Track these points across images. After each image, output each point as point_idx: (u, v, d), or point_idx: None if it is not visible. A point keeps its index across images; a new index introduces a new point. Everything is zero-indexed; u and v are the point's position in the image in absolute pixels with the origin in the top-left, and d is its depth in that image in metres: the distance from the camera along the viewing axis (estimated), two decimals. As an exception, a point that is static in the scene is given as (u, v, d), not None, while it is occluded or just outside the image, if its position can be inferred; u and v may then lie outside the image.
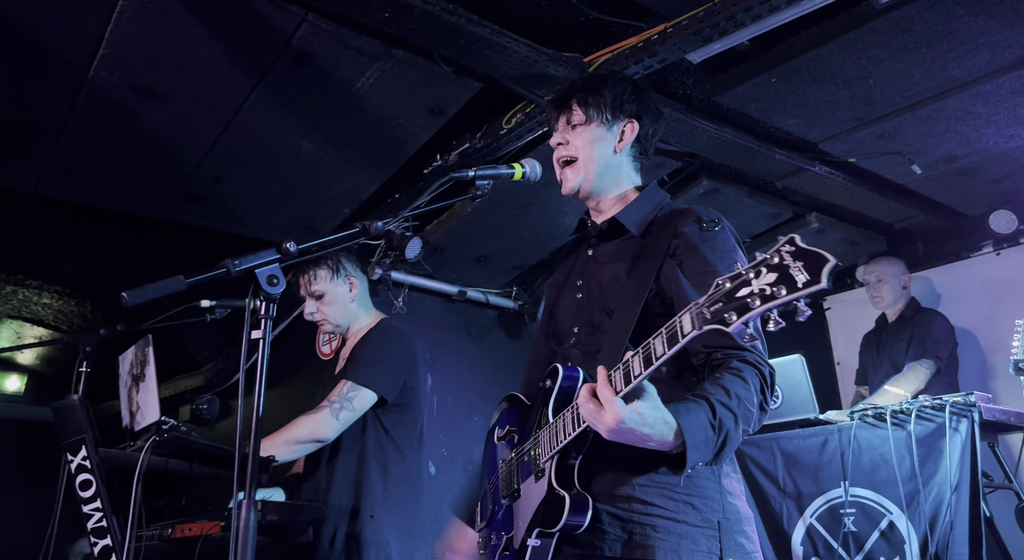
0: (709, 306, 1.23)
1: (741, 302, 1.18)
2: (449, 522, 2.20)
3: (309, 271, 2.66)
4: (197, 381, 5.05)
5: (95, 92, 2.82)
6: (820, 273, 1.10)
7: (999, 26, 2.71)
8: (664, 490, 1.53)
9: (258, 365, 1.30)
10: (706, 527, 1.51)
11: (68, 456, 2.19)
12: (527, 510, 1.60)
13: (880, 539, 3.09)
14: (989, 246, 4.43)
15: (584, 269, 1.81)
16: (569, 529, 1.50)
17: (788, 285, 1.13)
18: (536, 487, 1.58)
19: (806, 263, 1.12)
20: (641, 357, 1.36)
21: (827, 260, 1.10)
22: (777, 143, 3.52)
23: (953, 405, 3.01)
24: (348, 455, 2.52)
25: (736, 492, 1.60)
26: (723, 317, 1.20)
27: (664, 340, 1.32)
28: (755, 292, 1.16)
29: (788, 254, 1.15)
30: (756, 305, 1.16)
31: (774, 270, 1.15)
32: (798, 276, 1.12)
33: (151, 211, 3.69)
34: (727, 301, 1.21)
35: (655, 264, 1.63)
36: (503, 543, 1.68)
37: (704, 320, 1.23)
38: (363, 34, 2.67)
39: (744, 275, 1.20)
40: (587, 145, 1.79)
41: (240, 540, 1.20)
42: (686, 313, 1.28)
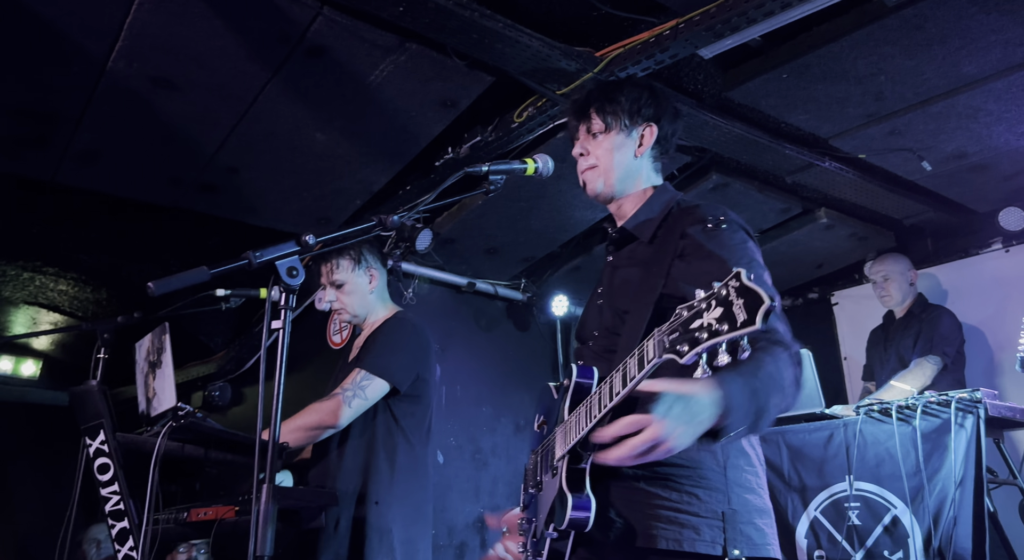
0: (669, 334, 1.25)
1: (692, 335, 1.20)
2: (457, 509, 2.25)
3: (332, 260, 2.69)
4: (209, 368, 5.11)
5: (113, 83, 2.86)
6: (755, 314, 1.11)
7: (1011, 24, 2.71)
8: (669, 482, 1.56)
9: (277, 353, 1.34)
10: (710, 517, 1.52)
11: (87, 440, 2.24)
12: (546, 504, 1.64)
13: (884, 533, 3.11)
14: (998, 243, 4.43)
15: (603, 275, 1.87)
16: (576, 527, 1.53)
17: (729, 322, 1.14)
18: (552, 483, 1.62)
19: (745, 302, 1.13)
20: (620, 375, 1.40)
21: (763, 301, 1.11)
22: (787, 138, 3.53)
23: (959, 401, 3.03)
24: (357, 442, 2.56)
25: (748, 485, 1.59)
26: (677, 348, 1.22)
27: (636, 362, 1.35)
28: (703, 326, 1.18)
29: (734, 290, 1.15)
30: (703, 339, 1.17)
31: (720, 305, 1.17)
32: (738, 315, 1.13)
33: (167, 200, 3.73)
34: (682, 331, 1.22)
35: (664, 267, 1.65)
36: (532, 529, 1.73)
37: (664, 349, 1.25)
38: (377, 27, 2.70)
39: (698, 306, 1.21)
40: (608, 153, 1.82)
41: (260, 524, 1.24)
42: (651, 339, 1.31)
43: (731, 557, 1.49)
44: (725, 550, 1.50)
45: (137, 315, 2.74)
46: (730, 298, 1.15)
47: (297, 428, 2.43)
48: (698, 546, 1.50)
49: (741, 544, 1.51)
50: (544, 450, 1.74)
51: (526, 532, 1.77)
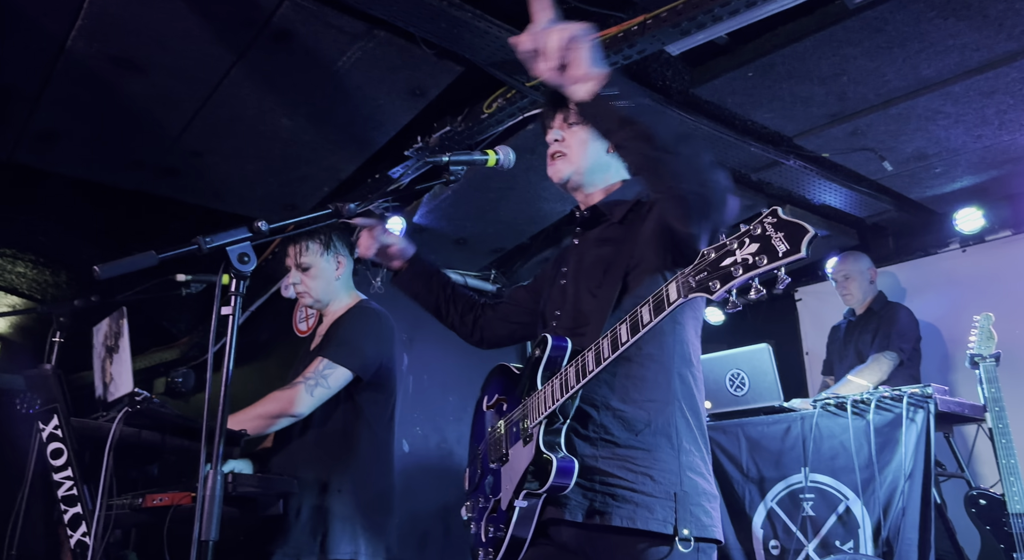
0: (695, 275, 1.30)
1: (725, 271, 1.24)
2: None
3: (301, 242, 2.68)
4: (173, 354, 5.06)
5: (73, 62, 2.81)
6: (800, 243, 1.17)
7: (967, 29, 2.77)
8: (625, 463, 1.61)
9: (227, 340, 1.34)
10: (663, 498, 1.58)
11: (40, 425, 2.22)
12: (515, 473, 1.67)
13: (836, 523, 3.19)
14: (956, 243, 4.53)
15: (569, 257, 1.90)
16: (555, 490, 1.57)
17: (769, 255, 1.19)
18: (524, 451, 1.65)
19: (787, 234, 1.18)
20: (628, 325, 1.44)
21: (807, 231, 1.17)
22: (753, 136, 3.57)
23: (910, 396, 3.11)
24: (319, 431, 2.55)
25: (698, 469, 1.66)
26: (707, 285, 1.26)
27: (651, 308, 1.39)
28: (738, 261, 1.23)
29: (770, 225, 1.21)
30: (739, 274, 1.22)
31: (756, 240, 1.22)
32: (779, 246, 1.18)
33: (128, 183, 3.68)
34: (712, 270, 1.27)
35: (632, 245, 1.71)
36: (491, 505, 1.74)
37: (690, 288, 1.30)
38: (345, 14, 2.67)
39: (728, 245, 1.26)
40: (581, 144, 1.85)
41: (206, 509, 1.24)
42: (672, 282, 1.35)
43: (681, 536, 1.55)
44: (676, 529, 1.55)
45: (94, 299, 2.70)
46: (767, 233, 1.21)
47: (258, 416, 2.42)
48: (651, 524, 1.55)
49: (690, 524, 1.57)
50: (510, 422, 1.76)
51: (481, 511, 1.79)
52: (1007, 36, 2.83)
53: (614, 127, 1.50)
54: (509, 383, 1.89)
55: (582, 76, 1.47)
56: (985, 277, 4.35)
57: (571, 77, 1.48)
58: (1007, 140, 3.62)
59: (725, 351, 3.80)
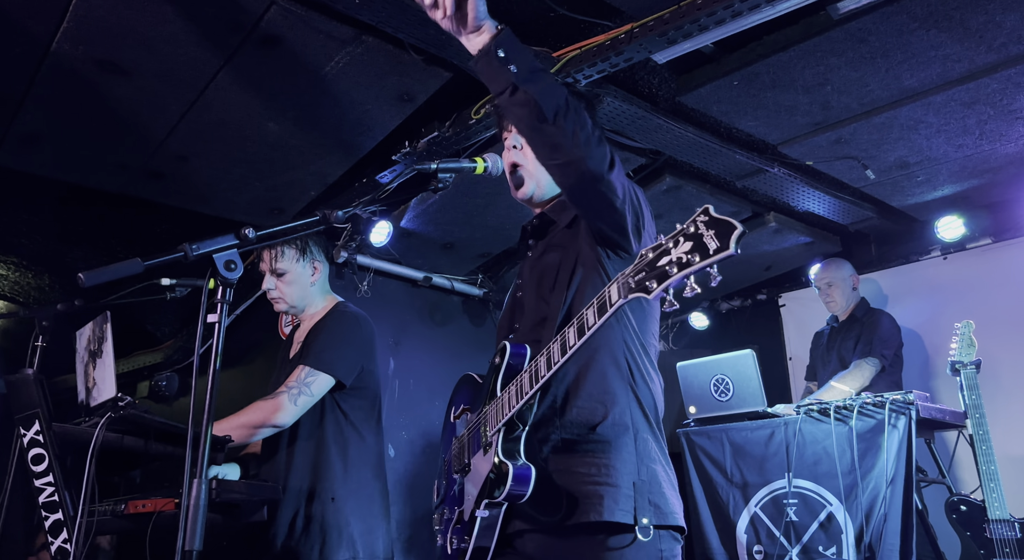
0: (634, 275, 1.32)
1: (661, 270, 1.27)
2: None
3: (276, 248, 2.67)
4: (156, 357, 5.01)
5: (58, 65, 2.78)
6: (729, 239, 1.18)
7: (949, 41, 2.81)
8: (586, 457, 1.62)
9: (213, 348, 1.33)
10: (624, 487, 1.60)
11: (21, 430, 2.19)
12: (477, 483, 1.67)
13: (819, 529, 3.22)
14: (937, 251, 4.59)
15: (524, 268, 1.92)
16: (513, 498, 1.57)
17: (701, 252, 1.21)
18: (484, 460, 1.65)
19: (717, 231, 1.20)
20: (575, 328, 1.46)
21: (735, 227, 1.19)
22: (738, 144, 3.60)
23: (892, 403, 3.14)
24: (307, 439, 2.54)
25: (655, 458, 1.67)
26: (645, 285, 1.29)
27: (595, 310, 1.42)
28: (673, 260, 1.25)
29: (702, 224, 1.23)
30: (673, 272, 1.24)
31: (690, 239, 1.24)
32: (710, 244, 1.20)
33: (113, 186, 3.64)
34: (649, 270, 1.29)
35: (578, 245, 1.74)
36: (455, 517, 1.74)
37: (629, 289, 1.32)
38: (333, 19, 2.67)
39: (664, 244, 1.28)
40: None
41: (190, 518, 1.23)
42: (613, 284, 1.38)
43: (640, 524, 1.56)
44: (635, 518, 1.57)
45: (78, 303, 2.68)
46: (699, 231, 1.23)
47: (240, 425, 2.40)
48: (616, 514, 1.56)
49: (649, 513, 1.58)
50: (472, 431, 1.77)
51: (447, 522, 1.79)
52: (987, 48, 2.87)
53: (498, 89, 1.54)
54: (474, 392, 1.89)
55: (472, 25, 1.52)
56: (966, 284, 4.41)
57: (462, 25, 1.53)
58: (987, 150, 3.67)
59: (709, 357, 3.83)
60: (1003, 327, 4.08)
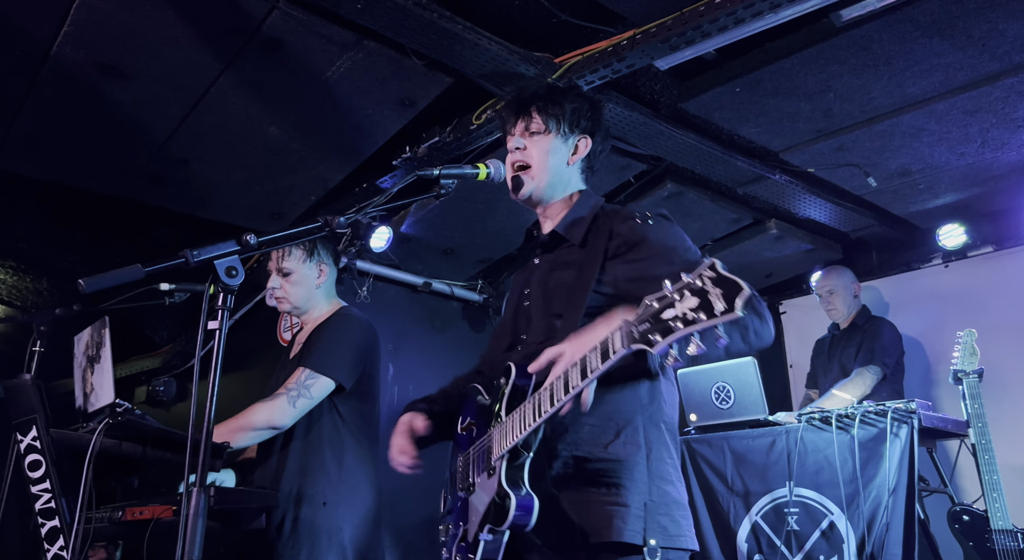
0: (638, 325, 1.28)
1: (665, 324, 1.22)
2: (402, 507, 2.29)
3: (284, 248, 2.66)
4: (154, 362, 4.99)
5: (58, 68, 2.78)
6: (735, 302, 1.14)
7: (951, 49, 2.81)
8: (598, 476, 1.60)
9: (213, 354, 1.32)
10: (634, 507, 1.58)
11: (18, 435, 2.18)
12: (480, 505, 1.65)
13: (820, 538, 3.20)
14: (939, 259, 4.58)
15: (531, 277, 1.88)
16: (516, 528, 1.55)
17: (707, 311, 1.16)
18: (488, 483, 1.63)
19: (724, 291, 1.16)
20: (579, 368, 1.43)
21: (741, 289, 1.14)
22: (739, 151, 3.60)
23: (894, 411, 3.12)
24: (303, 442, 2.52)
25: (668, 477, 1.66)
26: (648, 338, 1.24)
27: (598, 355, 1.38)
28: (678, 315, 1.20)
29: (709, 280, 1.18)
30: (678, 328, 1.20)
31: (696, 294, 1.19)
32: (716, 303, 1.15)
33: (113, 190, 3.63)
34: (653, 322, 1.24)
35: (595, 268, 1.70)
36: (460, 533, 1.72)
37: (632, 339, 1.28)
38: (334, 23, 2.67)
39: (670, 296, 1.23)
40: (544, 155, 1.84)
41: (189, 527, 1.22)
42: (617, 331, 1.33)
43: (648, 546, 1.54)
44: (644, 539, 1.55)
45: (76, 307, 2.66)
46: (705, 287, 1.18)
47: (239, 428, 2.39)
48: (625, 535, 1.55)
49: (658, 534, 1.57)
50: (477, 451, 1.75)
51: (452, 537, 1.77)
52: (990, 57, 2.87)
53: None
54: (480, 407, 1.87)
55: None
56: (967, 293, 4.40)
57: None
58: (989, 158, 3.67)
59: (710, 364, 3.81)
60: (1005, 336, 4.07)
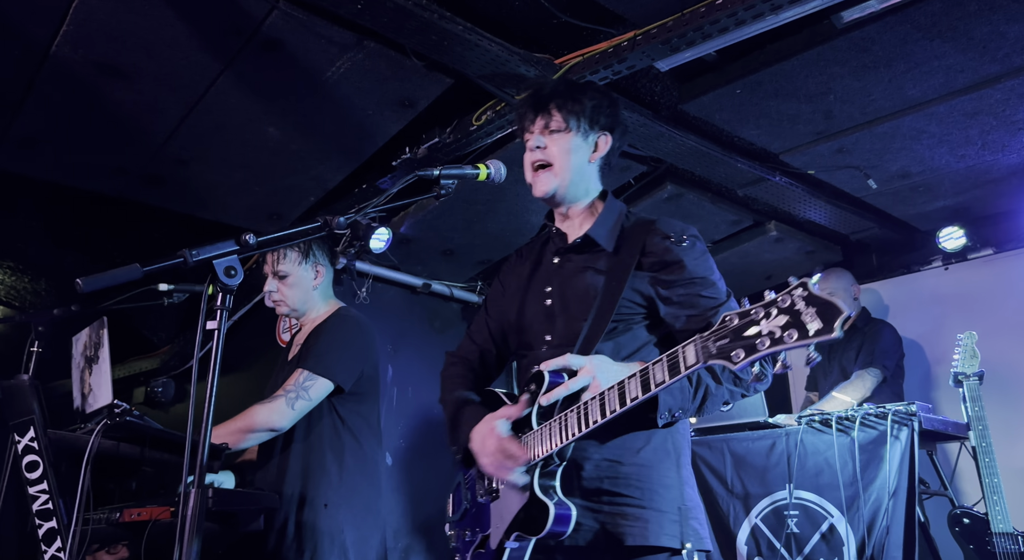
0: (715, 341, 1.26)
1: (749, 342, 1.20)
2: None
3: (279, 250, 2.65)
4: (153, 363, 4.98)
5: (57, 68, 2.77)
6: (833, 323, 1.12)
7: (952, 51, 2.81)
8: (630, 481, 1.61)
9: (212, 355, 1.31)
10: (670, 512, 1.60)
11: (15, 436, 2.17)
12: (507, 512, 1.62)
13: (820, 541, 3.19)
14: (939, 261, 4.58)
15: (552, 277, 1.84)
16: (552, 537, 1.54)
17: (799, 331, 1.14)
18: (517, 492, 1.61)
19: (819, 311, 1.13)
20: (639, 381, 1.41)
21: (840, 311, 1.12)
22: (739, 152, 3.59)
23: (895, 414, 3.12)
24: (303, 443, 2.52)
25: (692, 482, 1.69)
26: (729, 355, 1.23)
27: (665, 368, 1.37)
28: (763, 333, 1.18)
29: (801, 299, 1.16)
30: (765, 346, 1.18)
31: (785, 313, 1.17)
32: (811, 323, 1.13)
33: (111, 190, 3.62)
34: (734, 338, 1.23)
35: (624, 277, 1.69)
36: (478, 540, 1.70)
37: (710, 355, 1.27)
38: (335, 24, 2.66)
39: (752, 315, 1.21)
40: (565, 154, 1.80)
41: (187, 529, 1.21)
42: (690, 345, 1.32)
43: (686, 549, 1.57)
44: (682, 542, 1.57)
45: (74, 308, 2.65)
46: (797, 307, 1.16)
47: (237, 430, 2.38)
48: (662, 539, 1.56)
49: (691, 537, 1.59)
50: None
51: (467, 544, 1.75)
52: (991, 59, 2.86)
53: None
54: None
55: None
56: (967, 295, 4.39)
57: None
58: (990, 160, 3.66)
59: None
60: (1005, 338, 4.07)
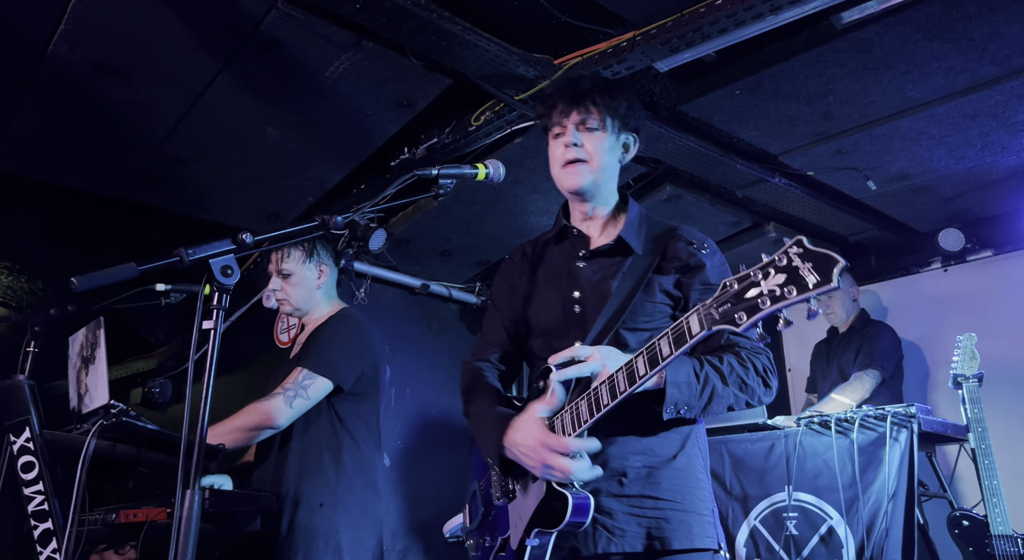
0: (717, 307, 1.27)
1: (751, 303, 1.21)
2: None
3: (283, 249, 2.65)
4: (150, 364, 4.97)
5: (54, 67, 2.76)
6: (831, 274, 1.14)
7: (952, 52, 2.80)
8: (671, 486, 1.63)
9: (208, 354, 1.30)
10: (707, 514, 1.64)
11: (11, 437, 2.16)
12: (525, 510, 1.62)
13: (819, 543, 3.18)
14: (937, 263, 4.57)
15: (579, 281, 1.80)
16: (571, 528, 1.53)
17: (798, 285, 1.16)
18: (534, 487, 1.61)
19: (815, 264, 1.15)
20: (646, 358, 1.41)
21: (837, 261, 1.14)
22: (739, 153, 3.59)
23: (894, 415, 3.11)
24: (300, 443, 2.51)
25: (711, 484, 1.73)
26: (733, 317, 1.23)
27: (670, 341, 1.36)
28: (764, 293, 1.20)
29: (796, 256, 1.18)
30: (766, 305, 1.19)
31: (783, 271, 1.19)
32: (809, 277, 1.15)
33: (109, 190, 3.62)
34: (735, 302, 1.24)
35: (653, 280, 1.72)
36: (498, 544, 1.69)
37: (712, 320, 1.27)
38: (333, 24, 2.65)
39: (752, 276, 1.23)
40: (603, 152, 1.80)
41: (183, 530, 1.20)
42: (693, 314, 1.32)
43: (722, 550, 1.62)
44: (718, 543, 1.62)
45: (71, 308, 2.65)
46: (793, 264, 1.17)
47: (235, 429, 2.37)
48: (706, 541, 1.60)
49: (719, 537, 1.64)
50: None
51: (487, 550, 1.74)
52: (991, 60, 2.86)
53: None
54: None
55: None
56: (966, 297, 4.39)
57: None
58: (989, 162, 3.66)
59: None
60: (1004, 340, 4.06)
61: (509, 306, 1.96)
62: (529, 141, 3.34)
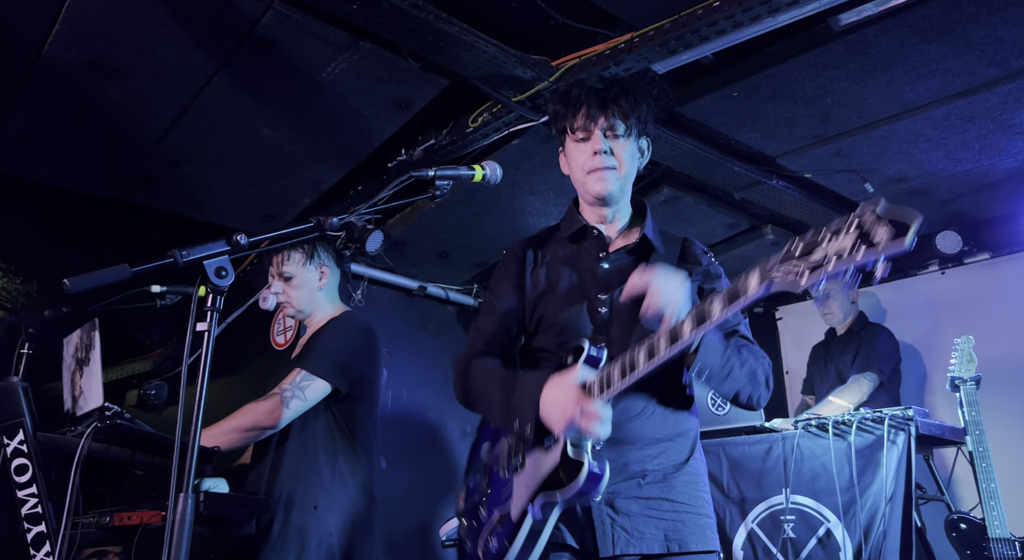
0: (780, 265, 1.24)
1: (814, 263, 1.19)
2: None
3: (283, 252, 2.64)
4: (146, 366, 4.95)
5: (49, 67, 2.74)
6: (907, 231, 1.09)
7: (950, 54, 2.80)
8: (685, 489, 1.67)
9: (202, 357, 1.29)
10: (713, 518, 1.70)
11: (4, 439, 2.15)
12: (532, 479, 1.60)
13: (817, 546, 3.18)
14: (935, 265, 4.57)
15: (604, 283, 1.77)
16: (580, 497, 1.53)
17: (867, 244, 1.13)
18: (547, 456, 1.59)
19: (891, 221, 1.12)
20: (693, 317, 1.40)
21: (916, 215, 1.10)
22: (736, 155, 3.59)
23: (892, 418, 3.11)
24: (296, 444, 2.49)
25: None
26: (795, 276, 1.21)
27: (724, 299, 1.34)
28: (830, 254, 1.17)
29: (870, 216, 1.14)
30: (831, 263, 1.17)
31: (852, 234, 1.15)
32: (881, 235, 1.11)
33: (104, 191, 3.60)
34: (797, 261, 1.22)
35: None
36: (496, 518, 1.68)
37: (773, 278, 1.26)
38: (330, 24, 2.64)
39: (814, 239, 1.21)
40: (631, 160, 1.79)
41: (176, 533, 1.19)
42: (754, 273, 1.29)
43: (721, 552, 1.70)
44: (719, 545, 1.69)
45: (66, 309, 2.63)
46: (866, 228, 1.14)
47: (232, 429, 2.36)
48: (715, 544, 1.67)
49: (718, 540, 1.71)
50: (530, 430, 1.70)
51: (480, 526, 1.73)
52: (989, 62, 2.86)
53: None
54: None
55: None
56: (964, 300, 4.39)
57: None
58: (987, 164, 3.66)
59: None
60: (1002, 343, 4.06)
61: (513, 301, 1.91)
62: (527, 143, 3.33)
